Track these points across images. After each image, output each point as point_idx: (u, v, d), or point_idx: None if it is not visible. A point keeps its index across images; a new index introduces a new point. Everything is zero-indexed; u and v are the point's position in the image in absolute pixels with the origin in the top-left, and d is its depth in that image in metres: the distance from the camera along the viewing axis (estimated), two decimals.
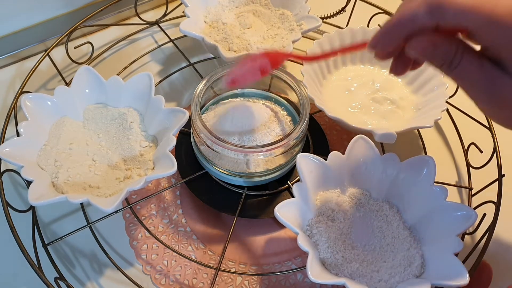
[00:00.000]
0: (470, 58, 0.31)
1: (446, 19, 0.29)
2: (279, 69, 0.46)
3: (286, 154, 0.44)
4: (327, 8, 0.62)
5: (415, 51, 0.31)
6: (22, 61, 0.60)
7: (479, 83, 0.31)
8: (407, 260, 0.39)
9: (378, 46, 0.33)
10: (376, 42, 0.33)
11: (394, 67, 0.35)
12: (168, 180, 0.49)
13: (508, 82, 0.30)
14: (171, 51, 0.61)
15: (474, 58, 0.31)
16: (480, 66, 0.30)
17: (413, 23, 0.30)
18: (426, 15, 0.29)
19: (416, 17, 0.30)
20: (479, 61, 0.30)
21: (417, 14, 0.30)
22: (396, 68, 0.35)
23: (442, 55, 0.31)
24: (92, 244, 0.44)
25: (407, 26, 0.31)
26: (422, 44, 0.31)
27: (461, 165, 0.52)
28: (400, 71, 0.35)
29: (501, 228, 0.44)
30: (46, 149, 0.43)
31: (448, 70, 0.31)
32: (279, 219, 0.38)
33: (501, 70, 0.30)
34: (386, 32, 0.32)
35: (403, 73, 0.35)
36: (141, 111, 0.48)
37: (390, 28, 0.31)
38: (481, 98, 0.32)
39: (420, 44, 0.31)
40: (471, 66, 0.31)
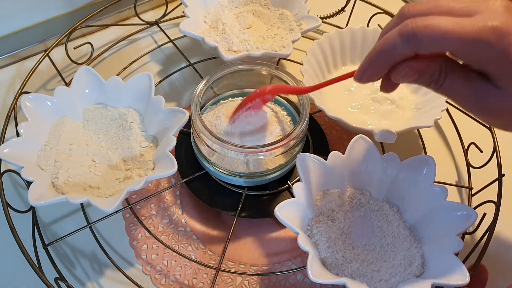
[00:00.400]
0: (454, 75, 0.31)
1: (422, 47, 0.30)
2: (279, 69, 0.46)
3: (286, 154, 0.44)
4: (326, 8, 0.62)
5: (401, 79, 0.32)
6: (22, 61, 0.60)
7: (468, 97, 0.32)
8: (408, 259, 0.39)
9: (364, 78, 0.34)
10: (361, 74, 0.34)
11: (384, 86, 0.36)
12: (168, 180, 0.49)
13: (495, 92, 0.31)
14: (171, 51, 0.61)
15: (458, 74, 0.31)
16: (465, 81, 0.31)
17: (393, 54, 0.31)
18: (404, 47, 0.30)
19: (394, 49, 0.31)
20: (464, 76, 0.31)
21: (395, 46, 0.30)
22: (386, 87, 0.36)
23: (426, 77, 0.32)
24: (92, 244, 0.44)
25: (388, 58, 0.32)
26: (407, 73, 0.32)
27: (461, 165, 0.52)
28: (390, 88, 0.36)
29: (501, 228, 0.44)
30: (46, 150, 0.43)
31: (435, 89, 0.32)
32: (279, 219, 0.38)
33: (486, 82, 0.31)
34: (369, 64, 0.33)
35: (393, 89, 0.36)
36: (141, 111, 0.48)
37: (373, 61, 0.32)
38: (474, 110, 0.33)
39: (404, 73, 0.32)
40: (457, 83, 0.31)
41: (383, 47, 0.31)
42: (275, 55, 0.51)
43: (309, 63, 0.51)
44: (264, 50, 0.51)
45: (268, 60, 0.52)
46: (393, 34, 0.30)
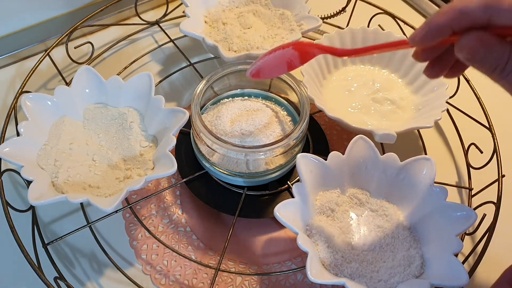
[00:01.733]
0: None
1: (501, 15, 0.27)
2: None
3: (286, 154, 0.44)
4: (327, 8, 0.62)
5: (465, 52, 0.28)
6: (22, 61, 0.60)
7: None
8: (407, 260, 0.39)
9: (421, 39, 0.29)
10: (419, 34, 0.29)
11: (430, 68, 0.32)
12: (168, 180, 0.49)
13: None
14: (171, 51, 0.61)
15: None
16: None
17: (465, 16, 0.27)
18: (480, 8, 0.27)
19: (469, 10, 0.27)
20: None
21: (470, 6, 0.27)
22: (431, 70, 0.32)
23: (493, 59, 0.28)
24: (92, 244, 0.44)
25: (457, 18, 0.28)
26: (473, 44, 0.28)
27: (461, 166, 0.52)
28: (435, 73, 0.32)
29: (501, 228, 0.44)
30: (46, 149, 0.43)
31: (499, 77, 0.29)
32: (279, 219, 0.38)
33: None
34: (432, 23, 0.29)
35: (437, 76, 0.33)
36: (141, 111, 0.48)
37: (438, 19, 0.28)
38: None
39: (471, 44, 0.28)
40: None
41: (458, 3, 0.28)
42: None
43: (310, 63, 0.51)
44: (264, 50, 0.51)
45: None
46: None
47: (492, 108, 0.53)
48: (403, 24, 0.60)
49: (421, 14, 0.68)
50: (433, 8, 0.67)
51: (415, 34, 0.30)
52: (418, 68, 0.51)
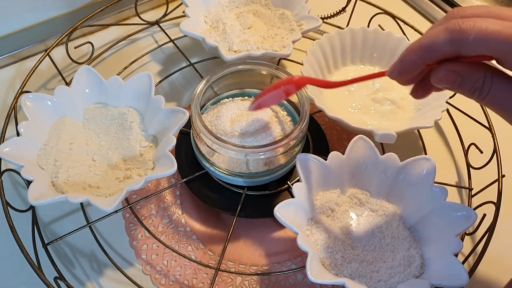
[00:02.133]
0: (501, 85, 0.29)
1: (467, 47, 0.28)
2: (279, 69, 0.46)
3: (286, 154, 0.44)
4: (327, 8, 0.62)
5: (441, 83, 0.30)
6: (22, 61, 0.60)
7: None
8: (407, 260, 0.39)
9: (399, 75, 0.31)
10: (394, 70, 0.31)
11: (415, 91, 0.33)
12: (168, 180, 0.49)
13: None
14: (171, 51, 0.61)
15: (506, 84, 0.29)
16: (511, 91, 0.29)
17: (433, 51, 0.29)
18: (446, 43, 0.28)
19: (436, 45, 0.29)
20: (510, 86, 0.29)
21: (437, 42, 0.29)
22: (417, 92, 0.33)
23: (470, 84, 0.30)
24: (92, 244, 0.44)
25: (426, 55, 0.29)
26: (447, 75, 0.30)
27: (461, 166, 0.52)
28: (421, 95, 0.34)
29: (501, 228, 0.44)
30: (46, 149, 0.43)
31: (479, 99, 0.30)
32: (279, 219, 0.38)
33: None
34: (405, 60, 0.31)
35: (424, 97, 0.34)
36: (141, 111, 0.48)
37: (409, 56, 0.30)
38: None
39: (445, 75, 0.30)
40: (504, 94, 0.29)
41: (424, 42, 0.29)
42: (275, 55, 0.51)
43: (310, 63, 0.51)
44: (264, 50, 0.51)
45: (269, 60, 0.52)
46: (438, 30, 0.29)
47: None
48: (403, 24, 0.60)
49: (421, 14, 0.68)
50: (433, 8, 0.66)
51: (392, 69, 0.32)
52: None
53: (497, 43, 0.27)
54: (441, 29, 0.28)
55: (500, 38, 0.27)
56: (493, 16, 0.28)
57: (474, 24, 0.27)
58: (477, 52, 0.28)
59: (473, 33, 0.27)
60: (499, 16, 0.28)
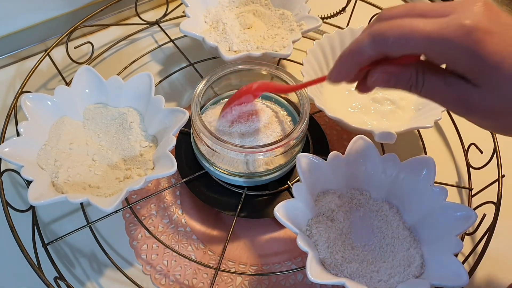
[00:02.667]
0: (433, 77, 0.31)
1: (389, 47, 0.29)
2: (279, 69, 0.46)
3: (286, 154, 0.44)
4: (327, 8, 0.62)
5: (377, 84, 0.32)
6: (22, 61, 0.60)
7: (450, 99, 0.31)
8: (407, 260, 0.39)
9: (336, 79, 0.33)
10: (332, 75, 0.33)
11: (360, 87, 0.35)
12: (168, 180, 0.49)
13: (475, 91, 0.30)
14: (171, 51, 0.61)
15: (437, 76, 0.31)
16: (445, 82, 0.31)
17: (361, 55, 0.31)
18: (371, 46, 0.30)
19: (361, 50, 0.30)
20: (443, 78, 0.31)
21: (362, 47, 0.30)
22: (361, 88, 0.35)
23: (404, 82, 0.31)
24: (92, 244, 0.44)
25: (356, 59, 0.31)
26: (380, 77, 0.32)
27: (461, 166, 0.52)
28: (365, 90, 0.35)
29: (501, 228, 0.44)
30: (46, 149, 0.43)
31: (416, 92, 0.32)
32: (278, 219, 0.38)
33: (466, 82, 0.30)
34: (339, 66, 0.33)
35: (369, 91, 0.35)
36: (141, 111, 0.48)
37: (343, 62, 0.32)
38: (458, 112, 0.32)
39: (379, 77, 0.32)
40: (437, 85, 0.31)
41: (352, 47, 0.31)
42: (275, 55, 0.51)
43: (310, 63, 0.51)
44: (264, 50, 0.51)
45: (269, 60, 0.52)
46: (362, 35, 0.31)
47: None
48: None
49: None
50: None
51: (330, 75, 0.33)
52: None
53: (416, 41, 0.28)
54: (366, 34, 0.30)
55: (418, 36, 0.28)
56: (416, 14, 0.29)
57: (394, 25, 0.29)
58: (401, 52, 0.30)
59: (392, 35, 0.29)
60: (422, 13, 0.29)
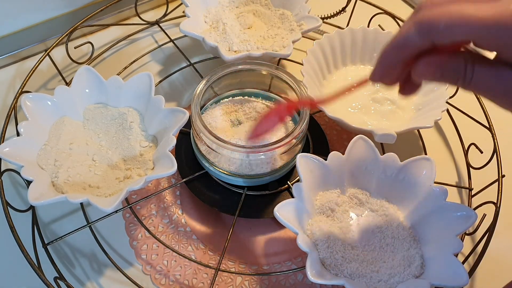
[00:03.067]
0: (483, 68, 0.29)
1: (440, 35, 0.27)
2: (279, 69, 0.46)
3: (286, 154, 0.44)
4: (327, 8, 0.62)
5: (422, 77, 0.30)
6: (22, 61, 0.60)
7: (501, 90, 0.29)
8: (407, 260, 0.39)
9: (380, 78, 0.31)
10: (376, 74, 0.31)
11: (402, 89, 0.33)
12: (168, 180, 0.49)
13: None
14: (171, 51, 0.61)
15: (487, 67, 0.29)
16: (495, 73, 0.28)
17: (407, 47, 0.29)
18: (418, 36, 0.28)
19: (407, 40, 0.28)
20: (494, 69, 0.28)
21: (408, 37, 0.28)
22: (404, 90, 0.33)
23: (451, 73, 0.29)
24: (92, 244, 0.44)
25: (402, 51, 0.29)
26: (426, 68, 0.29)
27: (461, 166, 0.52)
28: (408, 92, 0.33)
29: (501, 228, 0.44)
30: (46, 149, 0.43)
31: (464, 85, 0.29)
32: (278, 219, 0.38)
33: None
34: (383, 62, 0.30)
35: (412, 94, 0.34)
36: (141, 111, 0.48)
37: (386, 57, 0.30)
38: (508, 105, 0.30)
39: (425, 69, 0.29)
40: (487, 76, 0.29)
41: (396, 39, 0.29)
42: (275, 55, 0.51)
43: (310, 63, 0.51)
44: (264, 50, 0.51)
45: (269, 60, 0.52)
46: (407, 24, 0.28)
47: (492, 108, 0.53)
48: None
49: None
50: None
51: (373, 74, 0.31)
52: None
53: (469, 27, 0.26)
54: (411, 23, 0.28)
55: (472, 21, 0.26)
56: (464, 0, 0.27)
57: (443, 11, 0.27)
58: (451, 39, 0.27)
59: (443, 20, 0.27)
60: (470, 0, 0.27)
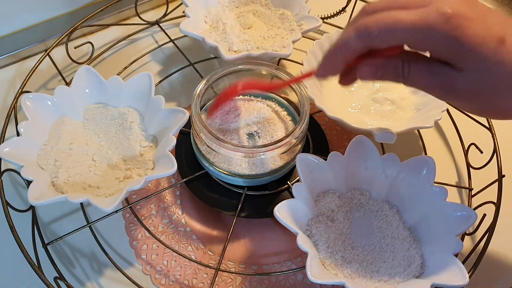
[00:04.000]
0: (418, 65, 0.32)
1: (374, 39, 0.31)
2: (279, 69, 0.46)
3: (286, 154, 0.44)
4: (327, 8, 0.62)
5: (365, 78, 0.34)
6: (22, 61, 0.60)
7: (435, 85, 0.33)
8: (407, 260, 0.39)
9: (323, 74, 0.35)
10: (320, 71, 0.35)
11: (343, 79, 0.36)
12: (168, 180, 0.49)
13: (458, 75, 0.31)
14: (171, 51, 0.61)
15: (422, 64, 0.32)
16: (430, 69, 0.32)
17: (347, 50, 0.32)
18: (356, 40, 0.31)
19: (348, 44, 0.32)
20: (427, 66, 0.32)
21: (348, 42, 0.31)
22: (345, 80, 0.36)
23: (391, 73, 0.33)
24: (92, 244, 0.44)
25: (343, 53, 0.32)
26: (367, 70, 0.33)
27: (461, 166, 0.52)
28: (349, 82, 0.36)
29: (501, 228, 0.44)
30: (46, 149, 0.43)
31: (404, 82, 0.33)
32: (278, 219, 0.38)
33: (450, 67, 0.31)
34: (326, 61, 0.34)
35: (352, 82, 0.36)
36: (141, 111, 0.48)
37: (330, 57, 0.33)
38: (445, 98, 0.34)
39: (366, 71, 0.33)
40: (422, 72, 0.32)
41: (338, 43, 0.32)
42: (275, 55, 0.51)
43: (310, 63, 0.51)
44: (264, 50, 0.51)
45: (269, 60, 0.52)
46: (348, 30, 0.32)
47: None
48: None
49: None
50: None
51: (318, 70, 0.35)
52: None
53: (399, 32, 0.30)
54: (351, 29, 0.31)
55: (401, 26, 0.29)
56: (398, 6, 0.30)
57: (377, 19, 0.30)
58: (385, 43, 0.31)
59: (377, 28, 0.30)
60: (404, 5, 0.30)
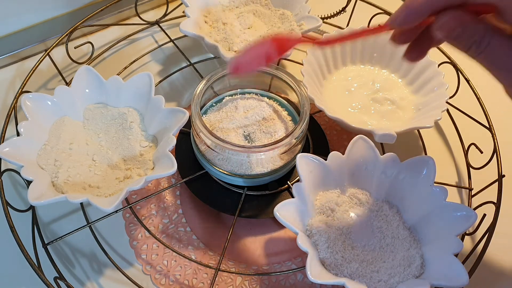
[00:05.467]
0: (499, 40, 0.28)
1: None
2: (279, 69, 0.46)
3: (286, 154, 0.44)
4: (327, 9, 0.62)
5: (442, 31, 0.29)
6: (22, 61, 0.60)
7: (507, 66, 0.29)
8: (407, 260, 0.39)
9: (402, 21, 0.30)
10: (398, 17, 0.30)
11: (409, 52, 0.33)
12: (168, 180, 0.49)
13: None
14: (171, 51, 0.61)
15: (503, 40, 0.28)
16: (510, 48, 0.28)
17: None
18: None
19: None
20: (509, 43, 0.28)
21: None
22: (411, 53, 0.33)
23: (469, 36, 0.29)
24: (92, 244, 0.44)
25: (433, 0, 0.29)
26: (450, 23, 0.29)
27: (461, 166, 0.52)
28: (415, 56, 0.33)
29: (501, 228, 0.44)
30: (46, 149, 0.43)
31: (475, 53, 0.29)
32: (278, 219, 0.38)
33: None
34: (410, 6, 0.29)
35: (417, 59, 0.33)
36: (141, 111, 0.48)
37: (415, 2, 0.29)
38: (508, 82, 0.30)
39: (448, 24, 0.29)
40: (501, 49, 0.28)
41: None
42: None
43: (310, 63, 0.51)
44: None
45: None
46: None
47: (492, 108, 0.53)
48: None
49: None
50: None
51: (395, 17, 0.30)
52: (418, 68, 0.51)
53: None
54: None
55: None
56: None
57: None
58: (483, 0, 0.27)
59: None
60: None
